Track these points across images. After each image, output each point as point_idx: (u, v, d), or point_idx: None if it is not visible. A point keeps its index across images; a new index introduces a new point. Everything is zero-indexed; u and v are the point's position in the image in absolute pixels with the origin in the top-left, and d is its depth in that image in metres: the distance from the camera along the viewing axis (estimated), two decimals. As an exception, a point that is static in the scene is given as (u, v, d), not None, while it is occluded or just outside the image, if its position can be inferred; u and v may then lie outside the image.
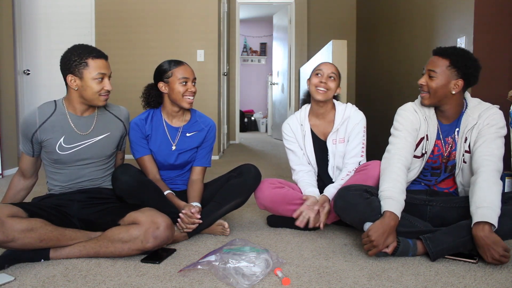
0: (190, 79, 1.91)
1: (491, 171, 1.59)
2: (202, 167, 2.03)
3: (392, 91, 4.51)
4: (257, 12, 9.26)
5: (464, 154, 1.74)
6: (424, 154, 1.80)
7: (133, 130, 1.93)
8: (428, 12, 3.85)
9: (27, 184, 1.81)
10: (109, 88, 1.69)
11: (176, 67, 1.91)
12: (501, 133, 1.68)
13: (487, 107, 1.73)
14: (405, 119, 1.80)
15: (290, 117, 2.18)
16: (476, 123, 1.71)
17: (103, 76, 1.67)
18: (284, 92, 7.06)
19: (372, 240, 1.53)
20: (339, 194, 1.77)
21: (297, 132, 2.10)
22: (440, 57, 1.71)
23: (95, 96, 1.67)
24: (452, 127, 1.79)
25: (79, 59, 1.63)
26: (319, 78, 2.02)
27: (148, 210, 1.63)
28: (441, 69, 1.69)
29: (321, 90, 2.01)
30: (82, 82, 1.65)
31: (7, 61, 3.71)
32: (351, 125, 2.03)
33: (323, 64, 2.09)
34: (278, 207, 2.00)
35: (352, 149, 2.02)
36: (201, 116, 2.06)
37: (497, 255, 1.46)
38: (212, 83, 4.74)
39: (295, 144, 2.11)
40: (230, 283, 1.35)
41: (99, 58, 1.67)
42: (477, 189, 1.56)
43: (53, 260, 1.56)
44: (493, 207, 1.50)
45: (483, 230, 1.47)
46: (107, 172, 1.83)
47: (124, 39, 4.66)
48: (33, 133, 1.68)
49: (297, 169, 2.10)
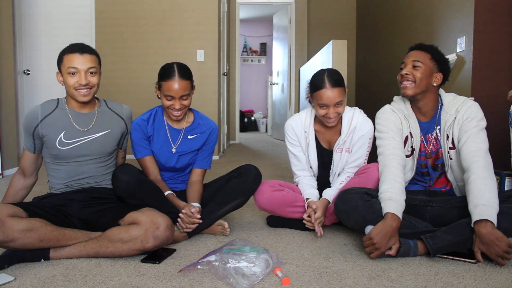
0: (175, 97, 1.81)
1: (482, 167, 1.60)
2: (202, 169, 2.03)
3: (392, 91, 4.51)
4: (257, 12, 9.26)
5: (449, 151, 1.77)
6: (413, 152, 1.82)
7: (135, 130, 1.93)
8: (428, 12, 3.85)
9: (27, 183, 1.81)
10: (83, 82, 1.65)
11: (164, 80, 1.82)
12: (481, 125, 1.71)
13: (462, 101, 1.76)
14: (387, 120, 1.83)
15: (293, 117, 2.05)
16: (455, 118, 1.74)
17: (76, 71, 1.66)
18: (284, 92, 7.06)
19: (375, 243, 1.53)
20: (340, 197, 1.76)
21: (301, 137, 2.01)
22: (421, 51, 1.78)
23: (71, 91, 1.68)
24: (430, 125, 1.81)
25: (60, 56, 1.69)
26: (326, 111, 1.85)
27: (148, 210, 1.63)
28: (425, 60, 1.76)
29: (331, 120, 1.87)
30: (63, 77, 1.69)
31: (7, 61, 3.71)
32: (356, 136, 1.93)
33: (324, 94, 1.82)
34: (278, 210, 2.00)
35: (354, 160, 1.96)
36: (204, 119, 2.05)
37: (501, 251, 1.47)
38: (212, 83, 4.74)
39: (298, 148, 2.03)
40: (230, 283, 1.35)
41: (72, 53, 1.66)
42: (472, 188, 1.57)
43: (53, 260, 1.56)
44: (491, 204, 1.51)
45: (485, 227, 1.48)
46: (107, 170, 1.83)
47: (124, 39, 4.67)
48: (35, 127, 1.70)
49: (299, 174, 2.06)
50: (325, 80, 1.83)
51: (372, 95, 5.19)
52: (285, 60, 7.00)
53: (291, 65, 6.69)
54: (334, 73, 1.88)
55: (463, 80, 3.46)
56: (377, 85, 5.15)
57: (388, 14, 4.83)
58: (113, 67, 4.57)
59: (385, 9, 4.94)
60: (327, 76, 1.85)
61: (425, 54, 1.76)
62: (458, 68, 3.45)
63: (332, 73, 1.87)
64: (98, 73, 1.72)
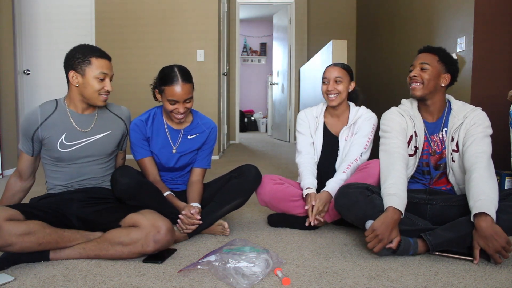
0: (179, 102, 1.83)
1: (484, 167, 1.63)
2: (202, 168, 2.03)
3: (392, 91, 4.51)
4: (257, 12, 9.26)
5: (452, 153, 1.80)
6: (417, 150, 1.85)
7: (134, 131, 1.92)
8: (428, 12, 3.85)
9: (24, 186, 1.79)
10: (109, 88, 1.70)
11: (167, 85, 1.82)
12: (487, 132, 1.75)
13: (471, 108, 1.81)
14: (392, 121, 1.87)
15: (306, 108, 2.27)
16: (462, 123, 1.78)
17: (105, 76, 1.68)
18: (284, 92, 7.06)
19: (378, 234, 1.55)
20: (341, 192, 1.78)
21: (311, 121, 2.18)
22: (429, 53, 1.83)
23: (94, 95, 1.68)
24: (437, 126, 1.85)
25: (83, 57, 1.66)
26: (326, 86, 2.10)
27: (149, 213, 1.61)
28: (433, 62, 1.81)
29: (332, 96, 2.09)
30: (84, 79, 1.66)
31: (7, 61, 3.71)
32: (361, 120, 2.10)
33: (327, 69, 2.14)
34: (279, 203, 2.02)
35: (357, 139, 2.06)
36: (202, 118, 2.05)
37: (499, 246, 1.48)
38: (212, 83, 4.74)
39: (307, 129, 2.18)
40: (230, 283, 1.35)
41: (102, 58, 1.69)
42: (473, 185, 1.59)
43: (53, 260, 1.56)
44: (491, 199, 1.53)
45: (485, 221, 1.49)
46: (107, 171, 1.83)
47: (124, 39, 4.67)
48: (35, 130, 1.68)
49: (303, 151, 2.15)
50: (332, 63, 2.12)
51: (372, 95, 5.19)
52: (285, 60, 7.00)
53: (291, 65, 6.69)
54: (343, 63, 2.18)
55: (463, 80, 3.46)
56: (377, 85, 5.15)
57: (388, 14, 4.83)
58: (113, 67, 4.56)
59: (385, 9, 4.94)
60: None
61: (433, 56, 1.82)
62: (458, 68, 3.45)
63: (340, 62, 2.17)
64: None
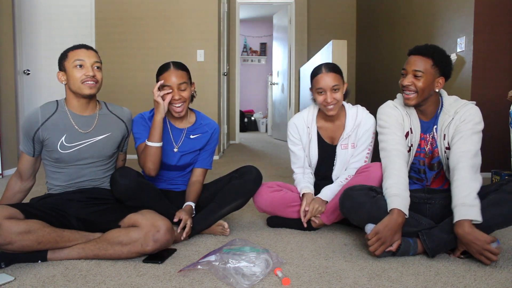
0: (173, 88, 1.83)
1: (467, 168, 1.61)
2: (203, 169, 2.03)
3: (392, 91, 4.51)
4: (257, 12, 9.26)
5: (445, 151, 1.76)
6: (411, 148, 1.82)
7: (137, 122, 1.92)
8: (428, 12, 3.85)
9: (24, 187, 1.79)
10: (91, 73, 1.67)
11: (161, 74, 1.86)
12: (477, 128, 1.69)
13: (463, 104, 1.75)
14: (389, 116, 1.83)
15: (296, 115, 2.11)
16: (452, 119, 1.73)
17: (82, 63, 1.67)
18: (284, 92, 7.06)
19: (381, 237, 1.54)
20: (346, 194, 1.75)
21: (303, 134, 2.06)
22: (423, 57, 1.70)
23: (78, 84, 1.68)
24: (430, 124, 1.81)
25: (63, 55, 1.70)
26: (323, 96, 1.92)
27: (148, 212, 1.62)
28: (427, 68, 1.69)
29: (331, 107, 1.93)
30: (67, 74, 1.69)
31: (7, 61, 3.71)
32: (361, 131, 1.99)
33: (321, 78, 1.93)
34: (277, 210, 2.01)
35: (357, 154, 2.00)
36: (205, 119, 2.05)
37: (480, 249, 1.49)
38: (212, 83, 4.74)
39: (299, 146, 2.07)
40: (230, 283, 1.35)
41: (77, 49, 1.70)
42: (454, 188, 1.59)
43: (51, 261, 1.55)
44: (468, 202, 1.52)
45: (462, 228, 1.50)
46: (107, 173, 1.83)
47: (124, 39, 4.67)
48: (35, 131, 1.68)
49: (297, 172, 2.11)
50: (322, 67, 1.98)
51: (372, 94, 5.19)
52: (285, 60, 7.00)
53: (291, 65, 6.69)
54: (331, 63, 2.02)
55: (463, 80, 3.46)
56: (377, 84, 5.15)
57: (388, 14, 4.83)
58: (113, 67, 4.57)
59: (385, 9, 4.94)
60: (323, 64, 1.99)
61: (426, 60, 1.69)
62: (458, 68, 3.45)
63: (329, 63, 2.02)
64: (101, 70, 1.74)
